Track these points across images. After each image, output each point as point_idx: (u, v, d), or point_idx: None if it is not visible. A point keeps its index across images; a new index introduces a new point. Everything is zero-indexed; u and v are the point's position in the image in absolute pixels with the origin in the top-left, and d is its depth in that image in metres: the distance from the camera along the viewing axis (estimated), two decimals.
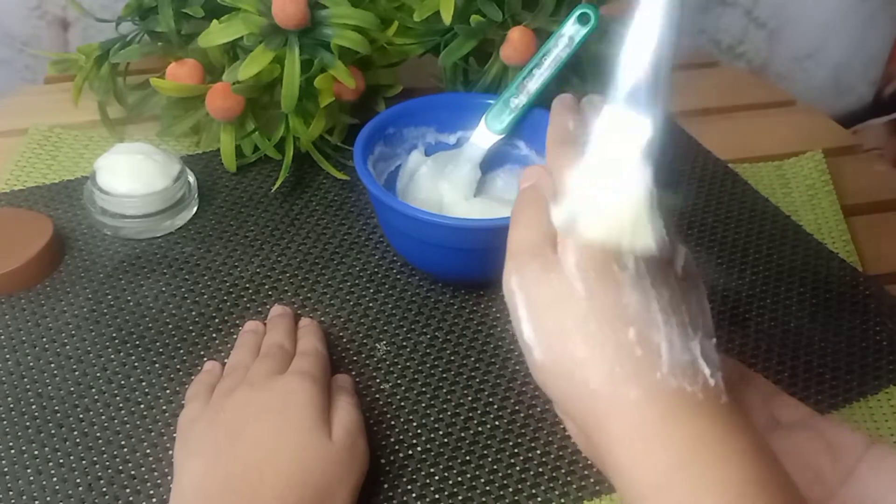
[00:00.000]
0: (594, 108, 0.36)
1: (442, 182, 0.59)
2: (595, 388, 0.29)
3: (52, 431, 0.49)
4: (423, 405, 0.51)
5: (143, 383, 0.52)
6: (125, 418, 0.50)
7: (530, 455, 0.49)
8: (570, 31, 0.57)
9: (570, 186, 0.32)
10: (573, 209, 0.32)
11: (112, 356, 0.53)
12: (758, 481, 0.27)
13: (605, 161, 0.32)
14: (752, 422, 0.30)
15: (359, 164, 0.54)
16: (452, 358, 0.54)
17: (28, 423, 0.49)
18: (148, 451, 0.48)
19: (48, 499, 0.45)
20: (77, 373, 0.52)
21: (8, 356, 0.53)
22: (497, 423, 0.50)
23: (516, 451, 0.49)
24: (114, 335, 0.54)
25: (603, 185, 0.32)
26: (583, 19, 0.57)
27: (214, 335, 0.55)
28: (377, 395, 0.52)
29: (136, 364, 0.53)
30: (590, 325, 0.30)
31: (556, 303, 0.31)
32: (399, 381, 0.53)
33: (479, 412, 0.51)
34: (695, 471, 0.27)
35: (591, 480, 0.48)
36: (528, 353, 0.32)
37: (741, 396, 0.35)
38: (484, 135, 0.59)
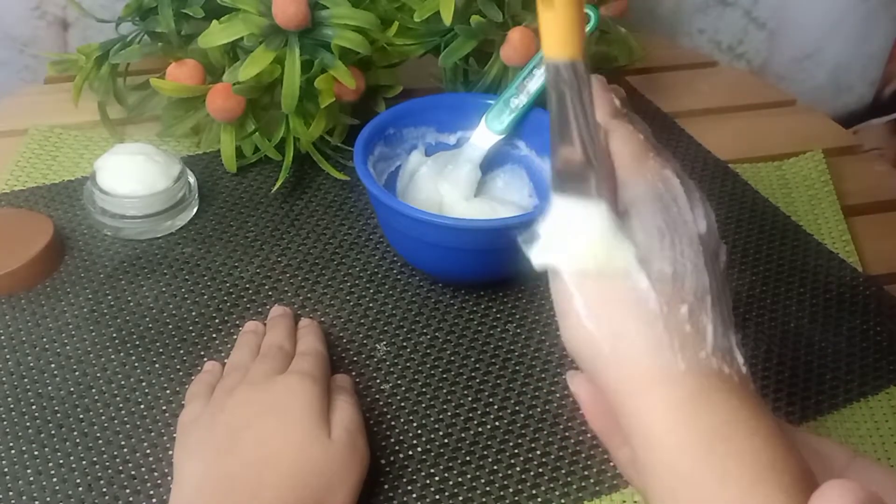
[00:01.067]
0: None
1: (442, 182, 0.59)
2: (639, 354, 0.30)
3: (52, 431, 0.49)
4: (423, 405, 0.51)
5: (143, 383, 0.52)
6: (125, 418, 0.50)
7: (530, 455, 0.49)
8: None
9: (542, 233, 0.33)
10: (546, 252, 0.33)
11: (112, 356, 0.53)
12: (784, 458, 0.29)
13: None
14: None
15: (359, 165, 0.54)
16: (452, 358, 0.54)
17: (28, 423, 0.49)
18: (148, 451, 0.48)
19: (48, 499, 0.45)
20: (77, 373, 0.52)
21: (8, 356, 0.53)
22: (497, 423, 0.50)
23: (516, 451, 0.49)
24: (114, 335, 0.54)
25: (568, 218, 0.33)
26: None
27: (214, 335, 0.55)
28: (377, 396, 0.52)
29: (136, 364, 0.53)
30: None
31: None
32: (399, 381, 0.53)
33: (479, 412, 0.51)
34: (731, 444, 0.29)
35: (591, 481, 0.48)
36: (565, 313, 0.32)
37: None
38: (484, 135, 0.59)
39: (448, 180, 0.59)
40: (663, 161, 0.35)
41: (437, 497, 0.47)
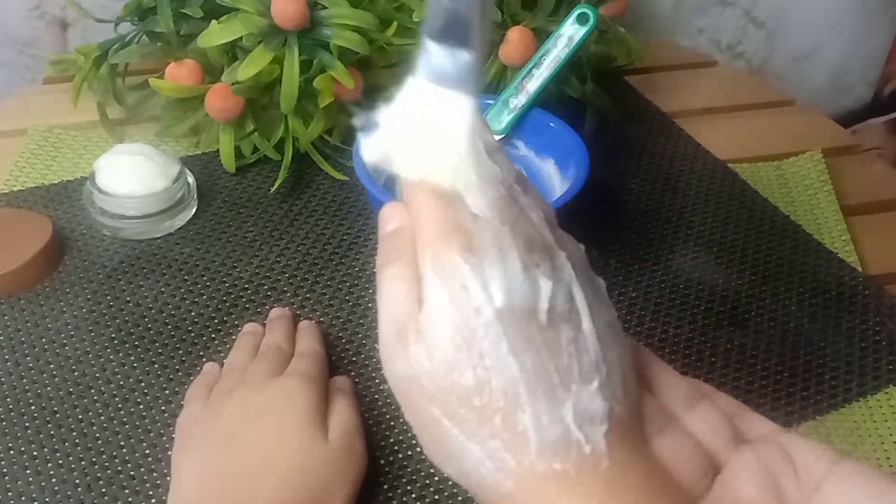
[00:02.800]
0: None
1: None
2: (471, 482, 0.29)
3: (52, 431, 0.49)
4: None
5: (143, 384, 0.52)
6: (125, 418, 0.50)
7: None
8: (570, 31, 0.57)
9: (383, 123, 0.30)
10: (386, 147, 0.30)
11: (111, 356, 0.53)
12: None
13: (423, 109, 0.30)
14: (647, 473, 0.28)
15: (359, 168, 0.54)
16: None
17: (28, 423, 0.49)
18: (147, 451, 0.48)
19: (47, 499, 0.45)
20: (76, 373, 0.52)
21: (7, 356, 0.53)
22: None
23: None
24: (113, 336, 0.54)
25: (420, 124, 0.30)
26: (582, 19, 0.57)
27: (214, 336, 0.55)
28: (377, 396, 0.52)
29: (135, 364, 0.53)
30: (461, 414, 0.28)
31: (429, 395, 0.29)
32: None
33: None
34: None
35: None
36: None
37: (694, 415, 0.34)
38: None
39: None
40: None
41: (437, 497, 0.47)
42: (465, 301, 0.28)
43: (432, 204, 0.30)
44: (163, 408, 0.50)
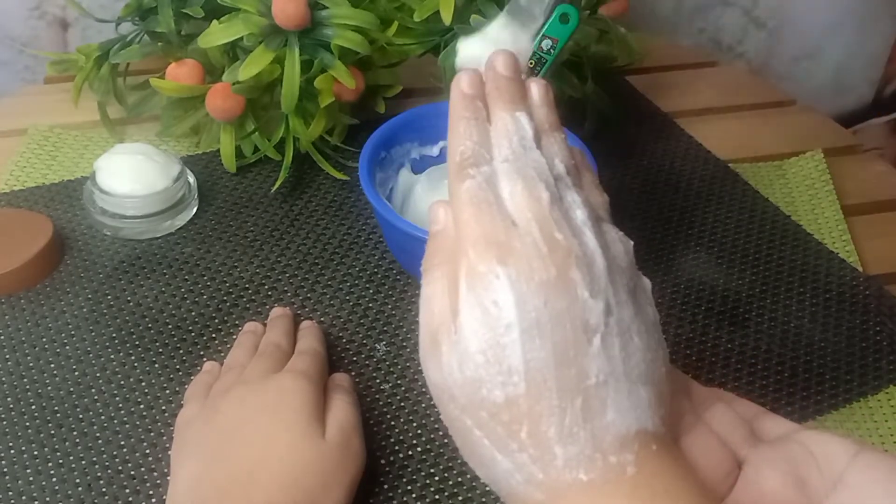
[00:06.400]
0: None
1: (439, 198, 0.58)
2: (501, 490, 0.29)
3: (52, 431, 0.49)
4: (423, 405, 0.51)
5: (143, 383, 0.52)
6: (125, 418, 0.50)
7: None
8: (553, 33, 0.57)
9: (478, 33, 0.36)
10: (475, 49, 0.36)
11: (112, 356, 0.53)
12: None
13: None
14: (675, 476, 0.28)
15: (368, 190, 0.53)
16: None
17: (28, 423, 0.49)
18: (147, 451, 0.48)
19: (48, 499, 0.45)
20: (77, 373, 0.52)
21: (8, 356, 0.53)
22: None
23: None
24: (113, 335, 0.54)
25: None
26: (563, 19, 0.57)
27: (214, 335, 0.55)
28: (377, 396, 0.52)
29: (135, 364, 0.53)
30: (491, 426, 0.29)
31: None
32: (399, 381, 0.53)
33: None
34: None
35: None
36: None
37: (712, 416, 0.34)
38: None
39: (445, 195, 0.58)
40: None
41: (437, 497, 0.47)
42: (496, 317, 0.28)
43: (471, 211, 0.30)
44: (163, 408, 0.50)
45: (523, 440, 0.28)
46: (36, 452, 0.48)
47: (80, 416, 0.49)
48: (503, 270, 0.28)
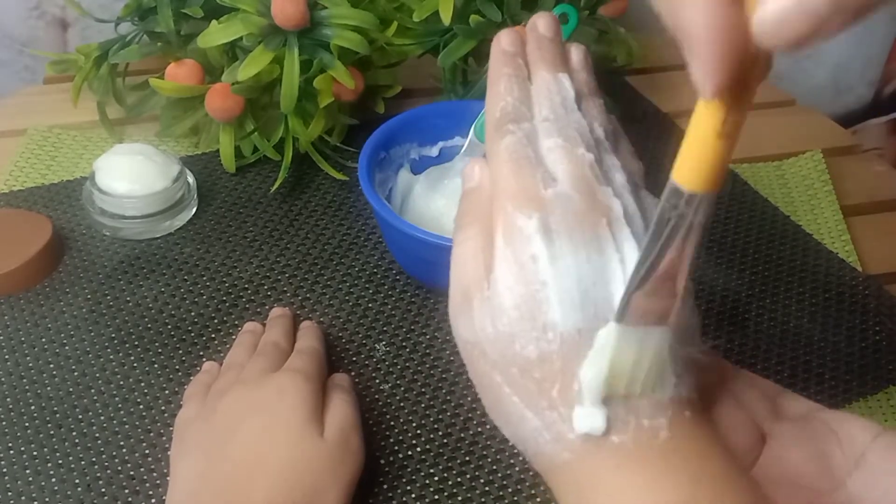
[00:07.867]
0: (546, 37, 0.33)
1: (438, 198, 0.58)
2: (528, 448, 0.29)
3: (52, 431, 0.49)
4: (423, 405, 0.51)
5: (143, 383, 0.52)
6: (124, 418, 0.49)
7: None
8: None
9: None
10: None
11: (111, 356, 0.53)
12: None
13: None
14: (706, 443, 0.28)
15: (367, 190, 0.53)
16: (452, 358, 0.54)
17: (28, 423, 0.49)
18: (147, 451, 0.48)
19: (47, 499, 0.45)
20: (76, 373, 0.52)
21: (7, 356, 0.53)
22: None
23: (516, 451, 0.49)
24: (113, 335, 0.54)
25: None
26: (562, 19, 0.57)
27: (213, 335, 0.55)
28: (377, 396, 0.52)
29: (135, 364, 0.53)
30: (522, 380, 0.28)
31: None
32: (399, 381, 0.53)
33: (478, 412, 0.51)
34: None
35: None
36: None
37: (738, 391, 0.34)
38: (474, 146, 0.58)
39: (444, 196, 0.59)
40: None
41: (437, 497, 0.47)
42: (533, 273, 0.28)
43: (510, 167, 0.30)
44: (163, 408, 0.50)
45: (554, 398, 0.27)
46: (36, 452, 0.48)
47: (80, 416, 0.49)
48: (542, 226, 0.28)
